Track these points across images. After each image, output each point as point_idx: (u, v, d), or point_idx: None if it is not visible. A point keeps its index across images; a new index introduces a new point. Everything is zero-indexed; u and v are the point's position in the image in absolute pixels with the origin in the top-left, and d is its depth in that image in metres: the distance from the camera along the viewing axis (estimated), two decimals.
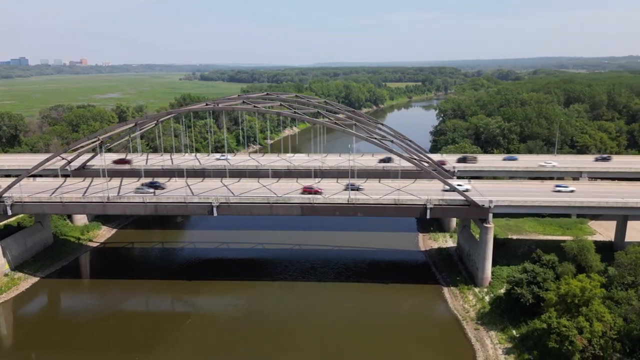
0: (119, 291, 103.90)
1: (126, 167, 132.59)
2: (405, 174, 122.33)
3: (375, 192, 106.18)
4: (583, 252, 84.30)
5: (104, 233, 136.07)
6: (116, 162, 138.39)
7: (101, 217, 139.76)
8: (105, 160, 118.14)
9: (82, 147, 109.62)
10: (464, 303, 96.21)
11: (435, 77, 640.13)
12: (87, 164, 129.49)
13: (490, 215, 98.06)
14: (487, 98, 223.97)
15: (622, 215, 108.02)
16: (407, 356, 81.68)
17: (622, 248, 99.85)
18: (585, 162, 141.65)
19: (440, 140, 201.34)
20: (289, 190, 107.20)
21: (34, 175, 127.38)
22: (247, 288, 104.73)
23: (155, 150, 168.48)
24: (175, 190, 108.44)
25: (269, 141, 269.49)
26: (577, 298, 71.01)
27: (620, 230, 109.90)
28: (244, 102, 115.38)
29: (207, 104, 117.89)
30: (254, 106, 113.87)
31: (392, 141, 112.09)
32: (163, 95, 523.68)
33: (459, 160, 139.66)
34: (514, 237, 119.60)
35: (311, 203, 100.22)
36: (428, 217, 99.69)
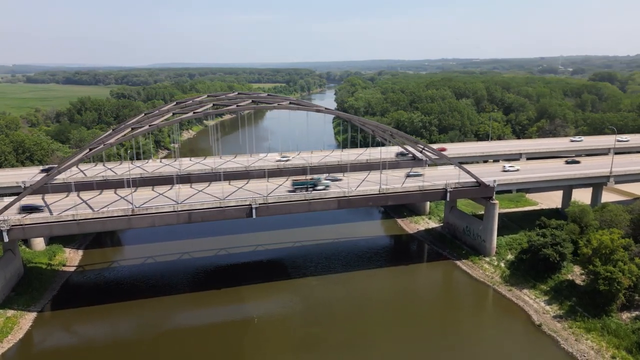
0: (148, 312, 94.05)
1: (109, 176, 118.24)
2: (389, 165, 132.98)
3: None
4: (584, 213, 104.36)
5: (72, 256, 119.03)
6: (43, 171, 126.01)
7: (59, 239, 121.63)
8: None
9: (79, 159, 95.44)
10: (483, 271, 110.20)
11: (298, 78, 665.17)
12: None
13: (494, 193, 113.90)
14: (395, 96, 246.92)
15: (568, 185, 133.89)
16: (471, 320, 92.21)
17: None
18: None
19: (365, 136, 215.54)
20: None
21: None
22: (285, 288, 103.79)
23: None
24: (194, 196, 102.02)
25: (176, 144, 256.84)
26: (608, 249, 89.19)
27: (567, 198, 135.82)
28: (254, 101, 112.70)
29: (211, 105, 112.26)
30: (263, 104, 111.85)
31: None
32: None
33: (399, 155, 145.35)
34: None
35: (346, 196, 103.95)
36: (448, 199, 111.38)
